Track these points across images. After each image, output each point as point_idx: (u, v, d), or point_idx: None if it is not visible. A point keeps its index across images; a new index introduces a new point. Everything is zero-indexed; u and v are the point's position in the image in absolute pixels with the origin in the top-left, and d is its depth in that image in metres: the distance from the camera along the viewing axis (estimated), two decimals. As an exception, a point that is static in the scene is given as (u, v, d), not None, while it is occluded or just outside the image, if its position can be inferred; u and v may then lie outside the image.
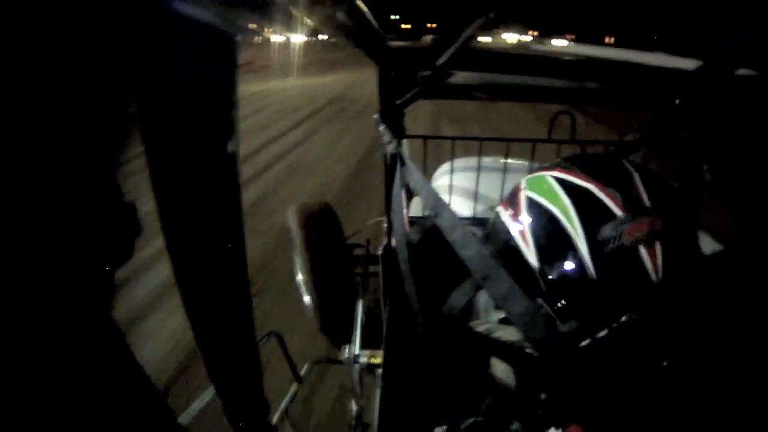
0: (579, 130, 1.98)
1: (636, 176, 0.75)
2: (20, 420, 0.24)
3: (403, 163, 0.91)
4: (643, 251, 0.68)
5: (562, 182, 0.77)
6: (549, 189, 0.77)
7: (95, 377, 0.27)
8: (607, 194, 0.71)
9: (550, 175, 0.80)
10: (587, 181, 0.74)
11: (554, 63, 1.18)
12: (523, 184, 0.85)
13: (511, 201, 0.85)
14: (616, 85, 1.25)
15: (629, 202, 0.71)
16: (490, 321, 0.95)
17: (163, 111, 0.24)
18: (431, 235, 1.21)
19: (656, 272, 0.68)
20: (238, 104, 0.27)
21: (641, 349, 0.71)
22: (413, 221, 1.45)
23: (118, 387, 0.29)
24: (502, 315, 0.94)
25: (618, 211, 0.70)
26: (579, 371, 0.48)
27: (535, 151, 1.60)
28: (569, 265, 0.71)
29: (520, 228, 0.79)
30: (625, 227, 0.68)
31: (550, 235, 0.74)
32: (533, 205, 0.79)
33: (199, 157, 0.26)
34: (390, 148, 1.01)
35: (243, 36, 0.25)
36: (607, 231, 0.69)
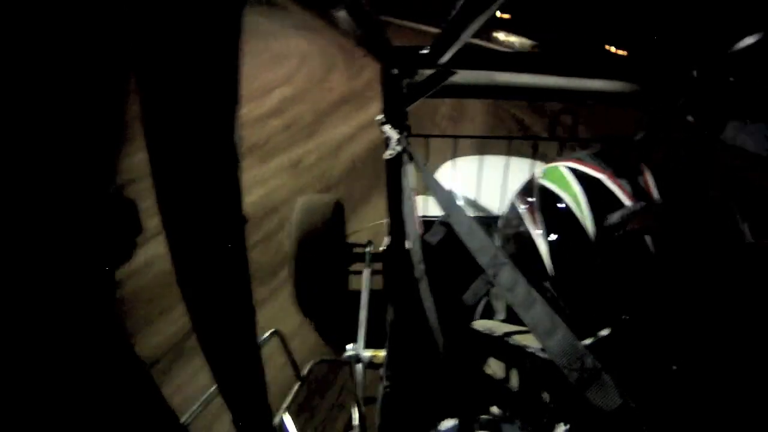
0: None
1: (647, 169, 0.77)
2: (21, 419, 0.24)
3: (410, 160, 0.91)
4: (649, 241, 0.69)
5: (574, 171, 0.80)
6: (561, 177, 0.80)
7: (96, 377, 0.27)
8: (617, 184, 0.74)
9: (563, 165, 0.83)
10: (599, 171, 0.77)
11: (556, 62, 1.18)
12: (537, 174, 0.88)
13: (526, 190, 0.89)
14: (620, 85, 1.25)
15: (638, 192, 0.73)
16: (494, 320, 0.94)
17: (164, 96, 0.24)
18: (444, 234, 1.22)
19: (663, 263, 0.69)
20: (240, 95, 0.26)
21: (646, 349, 0.70)
22: (423, 221, 1.45)
23: (119, 386, 0.29)
24: (507, 313, 0.94)
25: (626, 201, 0.72)
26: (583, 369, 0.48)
27: (537, 149, 1.60)
28: (577, 250, 0.73)
29: (532, 216, 0.82)
30: (632, 216, 0.70)
31: (561, 221, 0.77)
32: (546, 192, 0.82)
33: (199, 151, 0.26)
34: (396, 147, 1.01)
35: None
36: (614, 218, 0.71)
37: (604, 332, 0.73)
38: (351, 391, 1.38)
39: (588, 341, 0.73)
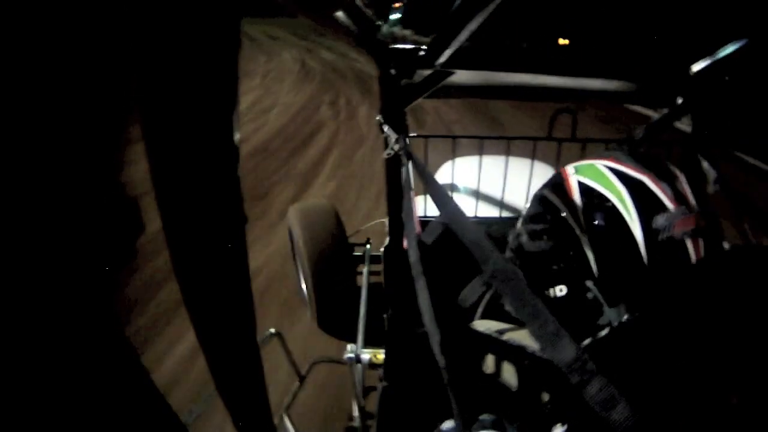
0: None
1: (681, 175, 0.78)
2: (21, 419, 0.24)
3: (410, 159, 0.91)
4: (689, 244, 0.71)
5: (614, 171, 0.79)
6: (601, 175, 0.80)
7: (96, 377, 0.27)
8: (660, 187, 0.75)
9: (601, 164, 0.82)
10: (640, 172, 0.77)
11: (555, 61, 1.18)
12: (570, 170, 0.87)
13: (557, 186, 0.87)
14: (618, 84, 1.25)
15: (679, 197, 0.74)
16: (493, 320, 0.95)
17: (163, 101, 0.24)
18: (441, 234, 1.22)
19: (698, 264, 0.72)
20: (238, 98, 0.26)
21: (645, 350, 0.70)
22: (421, 221, 1.46)
23: (120, 386, 0.29)
24: (508, 314, 0.94)
25: (670, 204, 0.73)
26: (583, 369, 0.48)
27: (536, 149, 1.60)
28: (623, 249, 0.74)
29: (572, 213, 0.81)
30: (676, 220, 0.72)
31: (606, 219, 0.76)
32: (586, 190, 0.80)
33: (198, 152, 0.26)
34: (395, 147, 1.01)
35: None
36: (660, 221, 0.72)
37: (604, 332, 0.73)
38: (351, 391, 1.38)
39: (587, 341, 0.73)
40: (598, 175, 0.80)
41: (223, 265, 0.32)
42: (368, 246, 2.02)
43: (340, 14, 0.61)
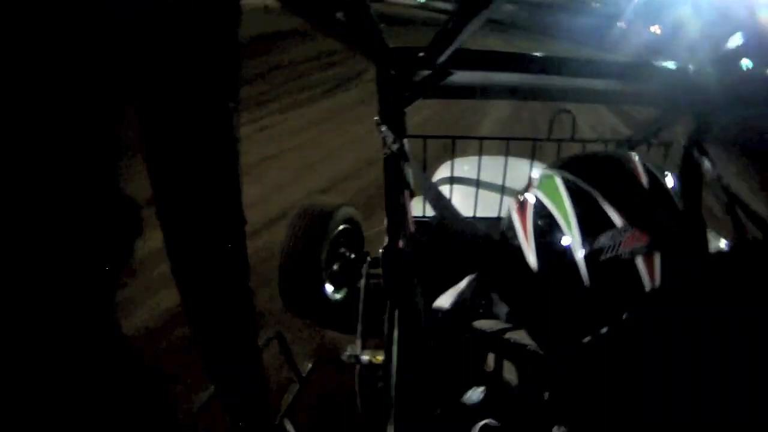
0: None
1: (643, 180, 0.75)
2: (20, 418, 0.24)
3: (407, 161, 0.91)
4: (640, 262, 0.68)
5: (568, 184, 0.76)
6: (555, 189, 0.77)
7: (94, 376, 0.27)
8: (610, 201, 0.71)
9: (559, 175, 0.79)
10: (593, 185, 0.74)
11: (555, 62, 1.18)
12: (535, 181, 0.85)
13: (522, 199, 0.85)
14: (618, 84, 1.25)
15: (631, 211, 0.70)
16: (492, 319, 0.94)
17: (161, 94, 0.24)
18: (436, 234, 1.22)
19: (652, 283, 0.68)
20: (238, 98, 0.26)
21: (644, 348, 0.70)
22: (417, 221, 1.46)
23: (118, 386, 0.29)
24: (506, 313, 0.94)
25: (618, 221, 0.69)
26: (582, 369, 0.48)
27: (536, 149, 1.60)
28: (564, 270, 0.71)
29: (524, 230, 0.79)
30: (623, 237, 0.68)
31: (549, 238, 0.74)
32: (538, 204, 0.79)
33: (198, 153, 0.26)
34: (393, 148, 1.01)
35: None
36: (603, 240, 0.69)
37: (604, 330, 0.73)
38: (350, 393, 1.38)
39: (587, 339, 0.73)
40: (552, 189, 0.78)
41: (222, 265, 0.32)
42: (368, 258, 2.07)
43: (341, 15, 0.61)
